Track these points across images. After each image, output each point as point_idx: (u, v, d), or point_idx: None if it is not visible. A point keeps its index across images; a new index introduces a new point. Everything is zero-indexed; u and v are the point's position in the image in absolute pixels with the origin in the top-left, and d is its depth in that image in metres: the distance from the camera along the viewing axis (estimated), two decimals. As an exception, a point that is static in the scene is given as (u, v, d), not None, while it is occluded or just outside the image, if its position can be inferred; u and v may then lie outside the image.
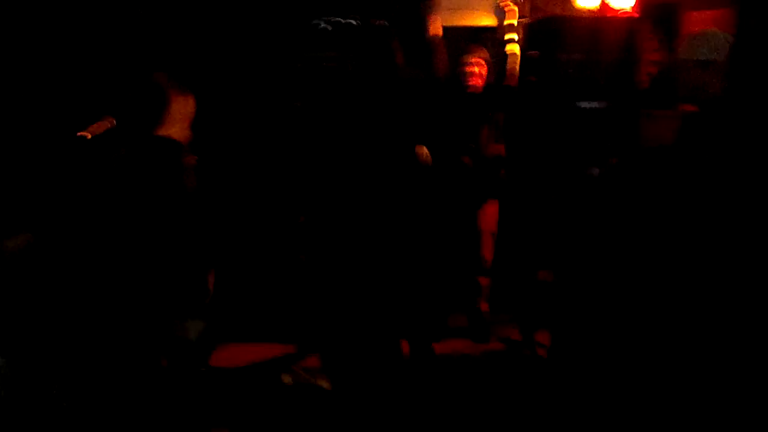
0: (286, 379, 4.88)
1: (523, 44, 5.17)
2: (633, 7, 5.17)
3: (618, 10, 5.21)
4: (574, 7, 5.59)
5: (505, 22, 5.11)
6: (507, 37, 5.12)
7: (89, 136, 3.92)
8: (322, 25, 6.49)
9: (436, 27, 5.11)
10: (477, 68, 5.08)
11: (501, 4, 5.09)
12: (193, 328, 3.87)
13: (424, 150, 4.94)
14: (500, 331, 5.39)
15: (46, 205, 3.83)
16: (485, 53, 5.16)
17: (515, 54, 5.13)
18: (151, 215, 3.76)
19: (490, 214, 5.26)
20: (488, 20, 5.21)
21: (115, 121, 4.04)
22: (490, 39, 6.11)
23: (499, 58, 5.34)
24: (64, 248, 3.98)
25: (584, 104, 4.92)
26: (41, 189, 3.87)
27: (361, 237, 4.83)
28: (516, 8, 5.13)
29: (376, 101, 4.86)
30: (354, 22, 6.71)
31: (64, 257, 3.98)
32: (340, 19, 6.70)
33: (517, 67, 5.12)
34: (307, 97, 6.23)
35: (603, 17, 5.33)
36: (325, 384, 4.73)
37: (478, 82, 5.10)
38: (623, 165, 4.89)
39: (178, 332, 3.87)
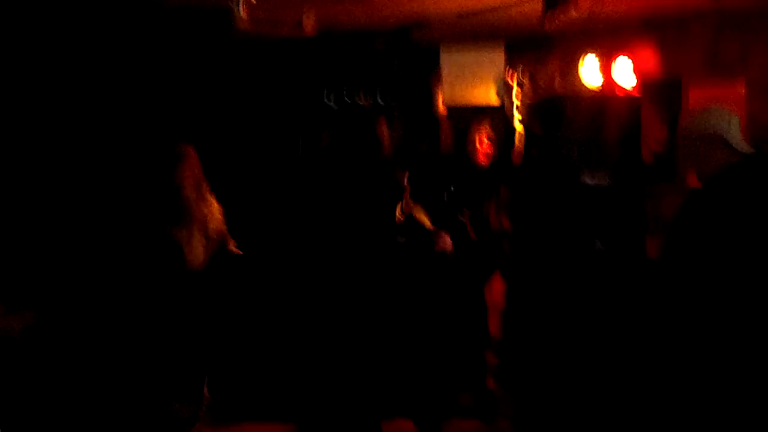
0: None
1: (528, 123, 5.25)
2: (635, 87, 5.27)
3: (621, 90, 5.30)
4: (577, 86, 5.70)
5: (513, 102, 5.20)
6: (513, 115, 5.22)
7: None
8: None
9: (441, 104, 5.21)
10: (483, 145, 5.16)
11: (508, 80, 5.19)
12: (186, 408, 3.85)
13: (448, 240, 4.98)
14: (508, 409, 5.29)
15: (49, 283, 3.85)
16: (490, 131, 5.25)
17: (520, 133, 5.21)
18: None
19: (496, 289, 5.25)
20: (493, 98, 5.30)
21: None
22: (496, 116, 6.20)
23: (504, 134, 5.42)
24: (67, 326, 3.99)
25: (589, 180, 4.96)
26: (44, 267, 3.90)
27: (365, 315, 4.82)
28: (519, 89, 5.24)
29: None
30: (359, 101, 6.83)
31: (67, 335, 3.98)
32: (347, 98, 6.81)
33: (522, 145, 5.19)
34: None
35: (606, 96, 5.42)
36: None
37: (484, 159, 5.18)
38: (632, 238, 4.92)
39: (174, 414, 3.84)
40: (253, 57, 6.78)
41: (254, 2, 4.44)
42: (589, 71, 5.51)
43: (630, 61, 5.21)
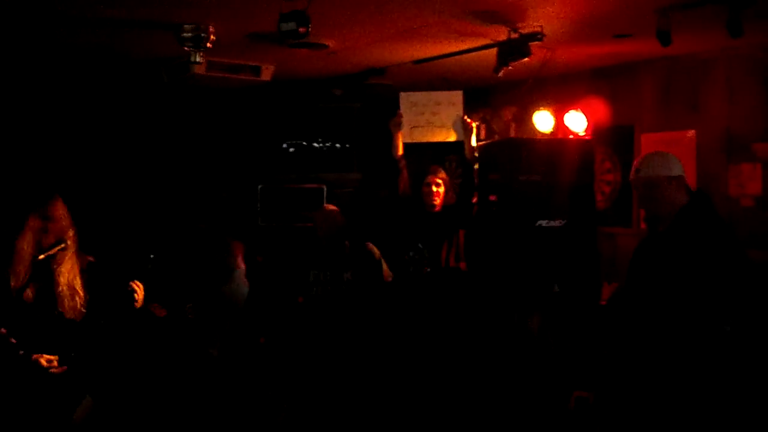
0: None
1: (482, 165, 5.32)
2: (586, 130, 5.38)
3: (572, 133, 5.41)
4: (530, 130, 5.80)
5: (471, 143, 5.27)
6: (472, 156, 5.27)
7: None
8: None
9: (399, 148, 5.25)
10: (437, 188, 5.20)
11: (467, 121, 5.25)
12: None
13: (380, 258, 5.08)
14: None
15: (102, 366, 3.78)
16: (444, 173, 5.30)
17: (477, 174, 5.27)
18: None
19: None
20: (453, 136, 5.36)
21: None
22: (454, 158, 6.28)
23: (462, 176, 5.48)
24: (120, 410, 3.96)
25: (543, 223, 5.02)
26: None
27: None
28: (474, 126, 5.31)
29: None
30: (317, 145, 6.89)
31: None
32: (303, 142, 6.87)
33: (479, 187, 5.24)
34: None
35: (558, 140, 5.53)
36: None
37: (437, 201, 5.22)
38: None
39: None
40: (211, 103, 6.82)
41: (209, 46, 4.46)
42: (542, 119, 5.63)
43: (581, 110, 5.36)
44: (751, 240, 4.77)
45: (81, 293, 3.60)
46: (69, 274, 3.56)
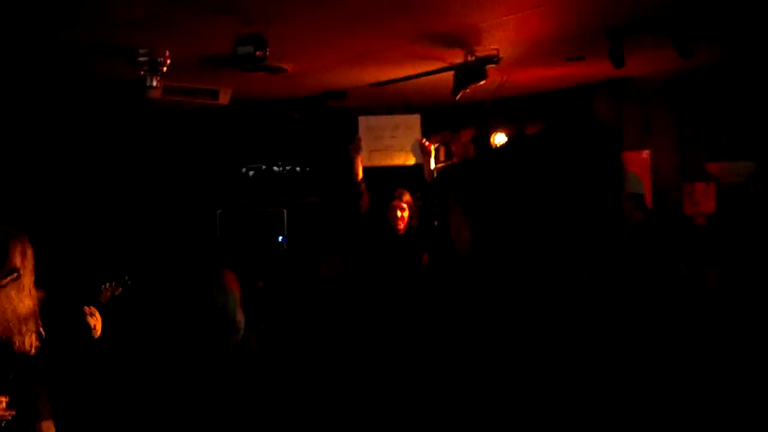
0: None
1: (444, 187, 5.33)
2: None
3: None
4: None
5: (430, 165, 5.29)
6: (432, 179, 5.29)
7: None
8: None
9: (358, 172, 5.25)
10: (401, 212, 5.20)
11: (425, 144, 5.27)
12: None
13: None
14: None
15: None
16: (409, 197, 5.31)
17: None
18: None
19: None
20: (411, 160, 5.38)
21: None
22: (413, 180, 6.28)
23: (422, 199, 5.49)
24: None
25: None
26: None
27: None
28: (433, 149, 5.33)
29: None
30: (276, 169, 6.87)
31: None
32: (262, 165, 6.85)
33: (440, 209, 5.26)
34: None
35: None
36: None
37: (402, 225, 5.22)
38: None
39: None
40: (170, 126, 6.77)
41: (164, 70, 4.44)
42: (501, 141, 5.70)
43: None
44: (705, 259, 4.85)
45: (34, 327, 3.46)
46: (20, 306, 3.39)
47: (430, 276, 5.42)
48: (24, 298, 3.39)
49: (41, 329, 3.43)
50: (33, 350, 3.41)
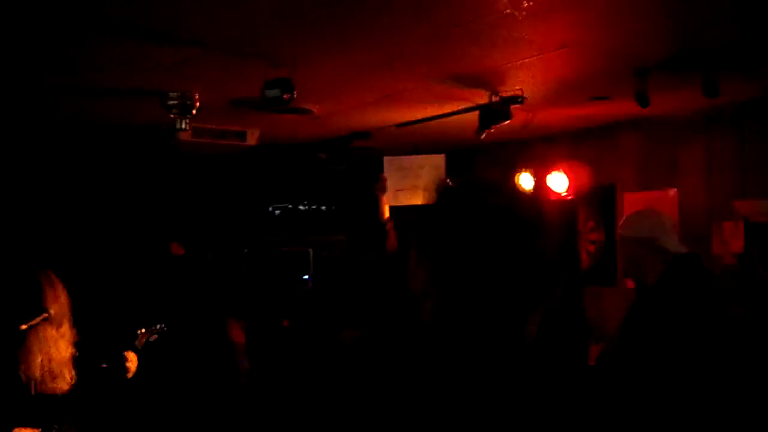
0: None
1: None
2: (568, 191, 5.42)
3: (554, 194, 5.46)
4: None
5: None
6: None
7: None
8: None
9: (384, 211, 5.28)
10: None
11: (450, 184, 5.29)
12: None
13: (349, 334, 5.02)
14: None
15: None
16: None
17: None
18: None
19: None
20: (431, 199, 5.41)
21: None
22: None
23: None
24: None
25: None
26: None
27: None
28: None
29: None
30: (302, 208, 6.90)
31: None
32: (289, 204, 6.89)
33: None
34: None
35: (543, 201, 5.56)
36: None
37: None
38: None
39: None
40: (197, 168, 6.85)
41: (194, 113, 4.50)
42: (525, 181, 5.70)
43: (563, 171, 5.41)
44: (733, 297, 4.79)
45: (66, 369, 3.48)
46: (53, 350, 3.40)
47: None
48: (58, 341, 3.41)
49: (74, 372, 3.45)
50: (63, 391, 3.44)
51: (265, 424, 5.09)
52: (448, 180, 5.30)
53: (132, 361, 3.64)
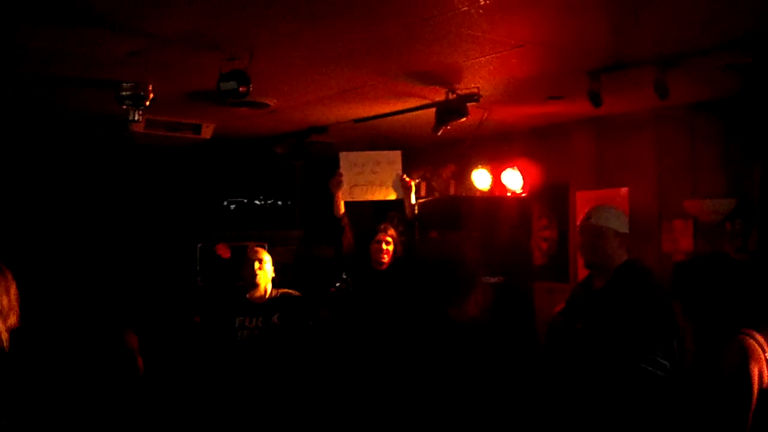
0: None
1: (421, 222, 5.37)
2: (522, 188, 5.49)
3: (509, 191, 5.52)
4: (468, 188, 5.91)
5: (411, 201, 5.33)
6: (412, 214, 5.33)
7: None
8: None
9: (340, 207, 5.27)
10: (387, 246, 5.21)
11: (406, 179, 5.31)
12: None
13: None
14: None
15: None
16: (393, 231, 5.33)
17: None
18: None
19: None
20: (392, 195, 5.42)
21: None
22: (396, 215, 6.32)
23: (402, 233, 5.51)
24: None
25: (483, 279, 5.07)
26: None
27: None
28: (413, 185, 5.38)
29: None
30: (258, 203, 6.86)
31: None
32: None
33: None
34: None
35: (495, 197, 5.64)
36: None
37: (386, 260, 5.23)
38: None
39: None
40: (151, 160, 6.77)
41: (147, 104, 4.44)
42: (480, 178, 5.74)
43: (518, 168, 5.48)
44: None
45: None
46: None
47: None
48: (3, 334, 3.35)
49: None
50: None
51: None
52: (404, 176, 5.30)
53: None
